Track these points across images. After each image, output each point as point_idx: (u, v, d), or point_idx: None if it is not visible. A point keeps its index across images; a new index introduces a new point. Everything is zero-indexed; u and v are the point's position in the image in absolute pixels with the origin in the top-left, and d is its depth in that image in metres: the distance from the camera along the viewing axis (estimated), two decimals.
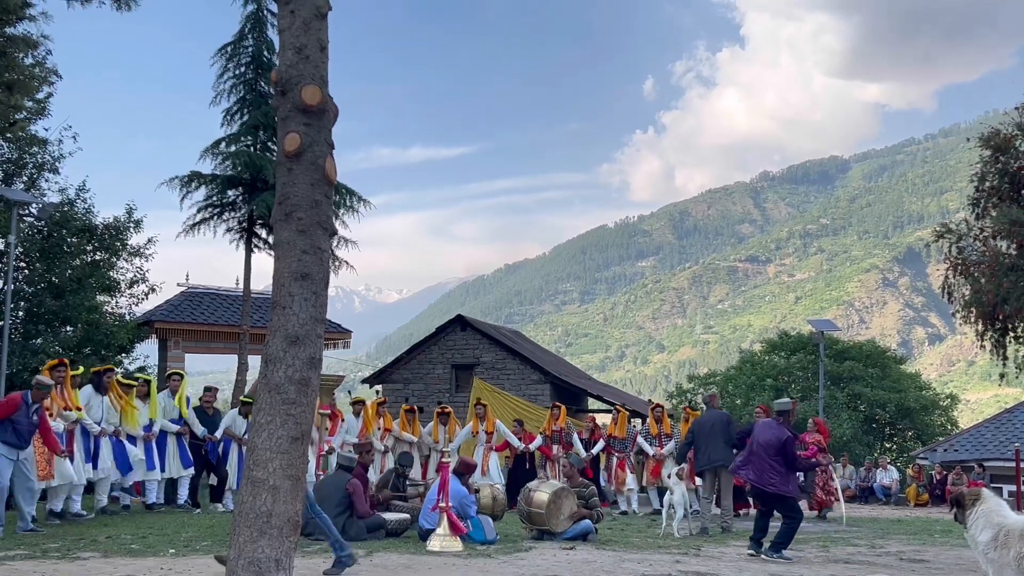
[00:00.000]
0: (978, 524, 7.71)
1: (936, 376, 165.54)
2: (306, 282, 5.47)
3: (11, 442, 11.62)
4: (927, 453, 30.35)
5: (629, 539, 12.91)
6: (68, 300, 22.93)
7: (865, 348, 44.95)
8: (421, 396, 28.26)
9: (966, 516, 7.84)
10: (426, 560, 9.82)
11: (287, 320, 5.42)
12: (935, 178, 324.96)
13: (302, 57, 5.60)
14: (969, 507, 7.85)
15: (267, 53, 24.88)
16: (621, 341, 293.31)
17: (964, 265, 25.52)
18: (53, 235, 23.92)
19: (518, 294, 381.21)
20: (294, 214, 5.51)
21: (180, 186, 24.51)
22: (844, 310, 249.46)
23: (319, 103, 5.54)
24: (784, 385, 42.52)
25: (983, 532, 7.65)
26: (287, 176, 5.56)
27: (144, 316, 26.39)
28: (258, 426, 5.35)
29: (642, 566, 9.81)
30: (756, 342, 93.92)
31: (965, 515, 7.86)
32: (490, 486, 14.84)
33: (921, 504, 26.03)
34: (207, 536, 11.14)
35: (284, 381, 5.35)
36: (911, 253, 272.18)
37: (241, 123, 24.94)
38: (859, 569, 10.16)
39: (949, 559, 11.54)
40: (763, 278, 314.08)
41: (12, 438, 11.64)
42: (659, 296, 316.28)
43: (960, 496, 8.12)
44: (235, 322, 26.23)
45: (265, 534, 5.16)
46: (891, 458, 37.20)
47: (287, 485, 5.26)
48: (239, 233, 25.21)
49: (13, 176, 24.28)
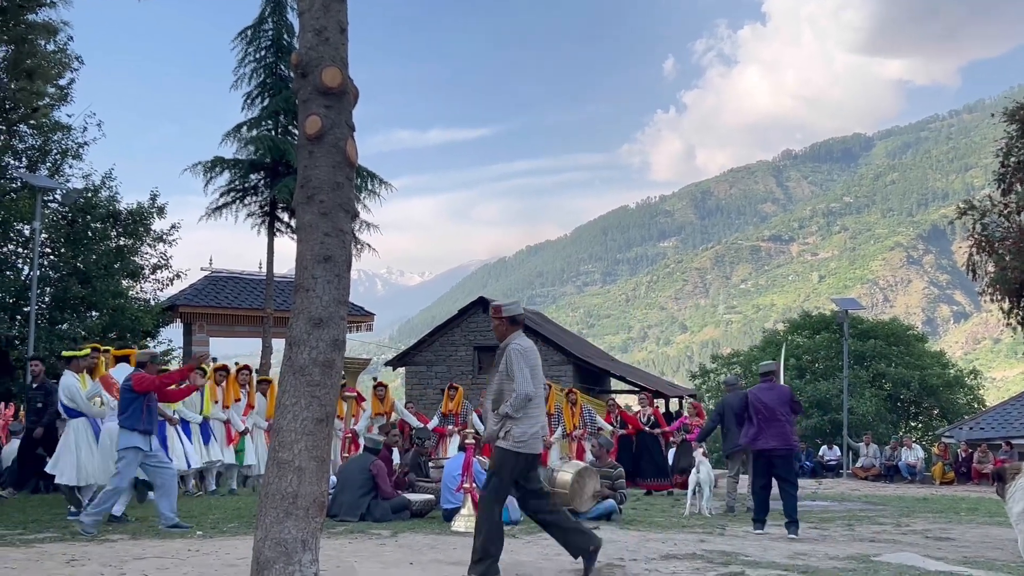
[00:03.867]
0: (1015, 496, 7.87)
1: (961, 354, 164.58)
2: (329, 264, 5.49)
3: (144, 428, 10.04)
4: (953, 431, 30.21)
5: (653, 519, 12.91)
6: (94, 286, 23.11)
7: (889, 327, 44.70)
8: (444, 378, 28.35)
9: (1006, 489, 8.01)
10: (451, 540, 9.86)
11: (310, 302, 5.44)
12: (960, 155, 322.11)
13: (322, 39, 5.60)
14: (1009, 480, 8.06)
15: (287, 36, 24.91)
16: (643, 322, 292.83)
17: (988, 242, 25.34)
18: (78, 221, 24.09)
19: (540, 275, 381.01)
20: (316, 196, 5.52)
21: (203, 171, 24.62)
22: (868, 289, 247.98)
23: (339, 85, 5.54)
24: (808, 365, 42.38)
25: (1018, 503, 7.80)
26: (308, 159, 5.56)
27: (169, 301, 26.57)
28: (283, 408, 5.38)
29: (666, 546, 9.82)
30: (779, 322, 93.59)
31: (1005, 488, 8.04)
32: None
33: (947, 482, 25.91)
34: (234, 518, 11.22)
35: (308, 363, 5.37)
36: (936, 230, 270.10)
37: (262, 107, 25.00)
38: (884, 547, 10.13)
39: (975, 537, 11.50)
40: (786, 257, 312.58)
41: (145, 423, 10.06)
42: (681, 276, 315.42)
43: (1002, 470, 8.42)
44: (258, 306, 26.36)
45: (291, 515, 5.20)
46: (916, 436, 37.07)
47: (312, 466, 5.29)
48: (261, 217, 25.30)
49: (37, 163, 24.46)
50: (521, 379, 6.98)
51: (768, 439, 11.32)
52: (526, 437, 7.07)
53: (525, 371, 7.02)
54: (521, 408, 7.00)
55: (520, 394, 6.96)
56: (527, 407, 7.04)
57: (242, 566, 7.19)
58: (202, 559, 8.14)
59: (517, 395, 6.97)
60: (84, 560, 7.89)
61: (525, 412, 7.04)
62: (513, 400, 6.99)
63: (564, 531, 7.37)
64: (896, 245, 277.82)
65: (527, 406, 7.03)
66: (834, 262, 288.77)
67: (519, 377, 6.98)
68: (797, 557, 9.16)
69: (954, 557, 9.38)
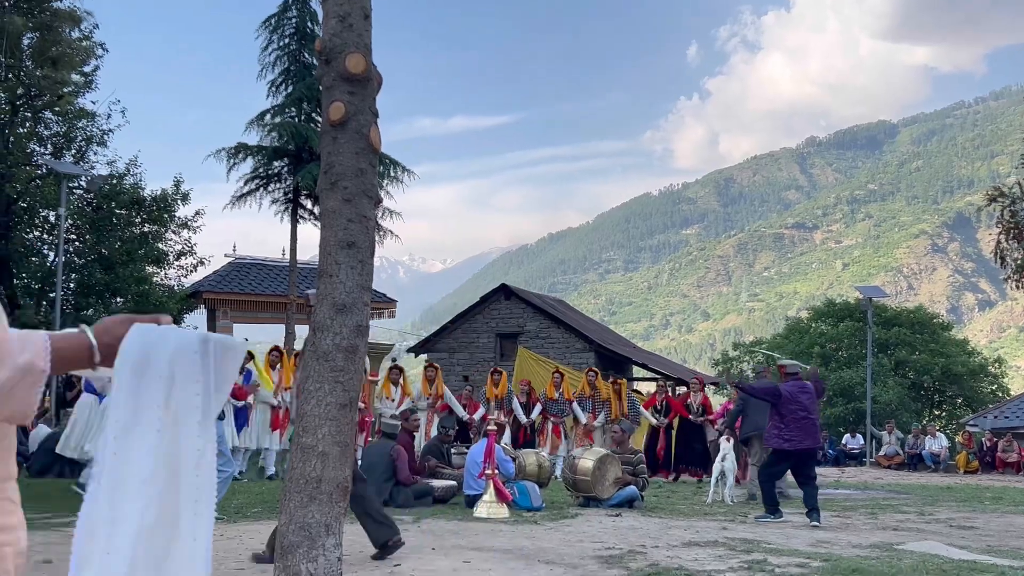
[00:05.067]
0: None
1: (986, 342, 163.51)
2: (352, 250, 5.50)
3: None
4: (977, 420, 30.02)
5: (675, 506, 12.92)
6: (118, 272, 23.25)
7: (914, 315, 44.40)
8: (466, 365, 28.39)
9: None
10: (473, 526, 9.90)
11: (334, 288, 5.46)
12: (985, 141, 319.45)
13: (346, 25, 5.60)
14: None
15: (310, 24, 24.94)
16: (665, 309, 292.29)
17: (1017, 229, 25.09)
18: (102, 208, 24.23)
19: (561, 263, 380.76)
20: (339, 183, 5.53)
21: (227, 158, 24.71)
22: (892, 276, 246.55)
23: (363, 71, 5.54)
24: (832, 353, 42.19)
25: None
26: (332, 145, 5.57)
27: (193, 287, 26.69)
28: (307, 393, 5.40)
29: (688, 533, 9.83)
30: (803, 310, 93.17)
31: None
32: (535, 453, 14.89)
33: (971, 471, 25.76)
34: (257, 503, 11.30)
35: (332, 349, 5.39)
36: (961, 218, 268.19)
37: (286, 94, 25.05)
38: (908, 535, 10.10)
39: (999, 526, 11.45)
40: (810, 245, 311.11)
41: None
42: (704, 264, 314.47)
43: None
44: (282, 292, 26.46)
45: (315, 499, 5.23)
46: (940, 425, 36.85)
47: (336, 451, 5.32)
48: (285, 204, 25.38)
49: (62, 149, 24.59)
50: None
51: (804, 439, 11.38)
52: None
53: None
54: None
55: None
56: None
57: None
58: (226, 543, 8.21)
59: None
60: None
61: None
62: None
63: (367, 515, 7.71)
64: (921, 233, 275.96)
65: None
66: (858, 250, 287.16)
67: None
68: (820, 545, 9.15)
69: (978, 546, 9.35)
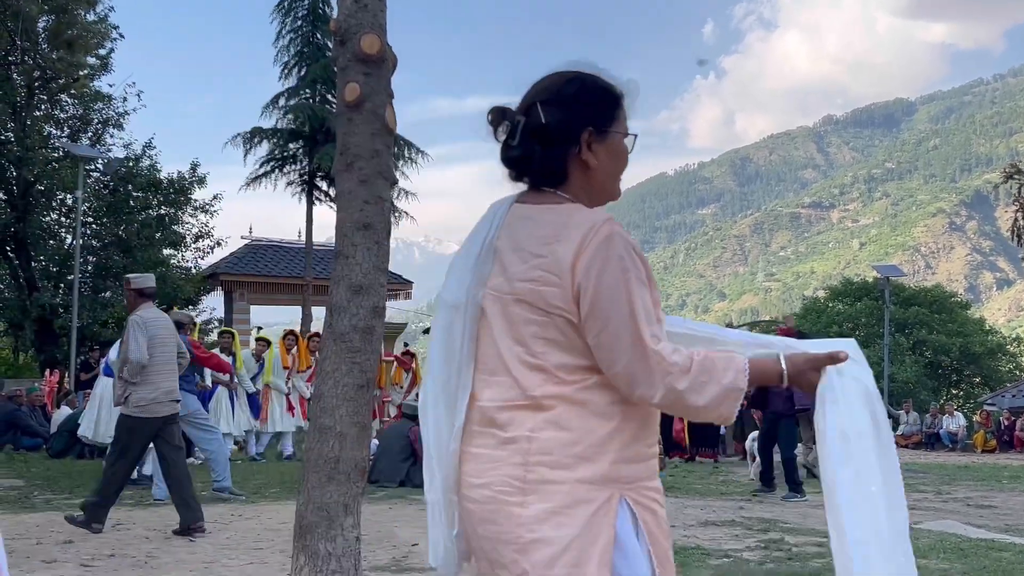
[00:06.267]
0: None
1: (1004, 321, 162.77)
2: (368, 232, 5.49)
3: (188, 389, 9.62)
4: (995, 399, 29.93)
5: (691, 486, 12.92)
6: (135, 255, 23.32)
7: (932, 293, 44.21)
8: None
9: None
10: None
11: (350, 270, 5.46)
12: (1004, 119, 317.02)
13: (360, 6, 5.57)
14: None
15: (323, 5, 24.90)
16: (682, 289, 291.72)
17: None
18: (119, 190, 24.30)
19: None
20: (355, 164, 5.51)
21: (243, 142, 24.76)
22: (910, 255, 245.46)
23: (378, 52, 5.52)
24: (849, 332, 42.06)
25: None
26: (347, 126, 5.56)
27: (209, 269, 26.77)
28: (324, 374, 5.42)
29: (705, 512, 9.83)
30: (819, 289, 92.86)
31: None
32: None
33: (989, 450, 25.66)
34: (276, 483, 11.36)
35: (349, 330, 5.39)
36: (979, 196, 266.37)
37: (299, 77, 25.05)
38: (926, 515, 10.08)
39: (1017, 504, 11.41)
40: (826, 224, 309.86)
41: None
42: (720, 244, 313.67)
43: None
44: (298, 274, 26.51)
45: (333, 480, 5.24)
46: (957, 404, 36.74)
47: (354, 432, 5.33)
48: (300, 186, 25.43)
49: (79, 132, 24.66)
50: (134, 347, 7.56)
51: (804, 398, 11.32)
52: (145, 402, 7.63)
53: (141, 340, 7.57)
54: (137, 374, 7.57)
55: (133, 361, 7.54)
56: (144, 373, 7.59)
57: (284, 530, 7.27)
58: (245, 523, 8.26)
59: (130, 363, 7.56)
60: (129, 524, 8.04)
61: (144, 378, 7.60)
62: (127, 367, 7.59)
63: (180, 496, 7.68)
64: (938, 211, 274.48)
65: (143, 372, 7.59)
66: (875, 229, 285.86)
67: (132, 345, 7.57)
68: None
69: (996, 525, 9.32)
